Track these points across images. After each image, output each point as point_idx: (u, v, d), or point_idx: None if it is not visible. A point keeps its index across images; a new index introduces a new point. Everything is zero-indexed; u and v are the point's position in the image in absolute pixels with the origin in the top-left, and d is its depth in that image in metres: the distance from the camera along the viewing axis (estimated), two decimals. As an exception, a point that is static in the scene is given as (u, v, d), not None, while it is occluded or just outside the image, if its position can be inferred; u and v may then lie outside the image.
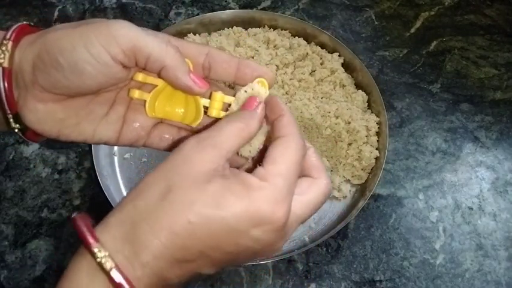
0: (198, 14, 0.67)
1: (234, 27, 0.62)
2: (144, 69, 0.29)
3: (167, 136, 0.32)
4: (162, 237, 0.23)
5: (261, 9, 0.69)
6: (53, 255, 0.50)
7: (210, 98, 0.30)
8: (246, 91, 0.30)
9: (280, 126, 0.27)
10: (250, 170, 0.26)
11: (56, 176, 0.55)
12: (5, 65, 0.26)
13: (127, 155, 0.55)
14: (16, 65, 0.27)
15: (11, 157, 0.56)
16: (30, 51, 0.26)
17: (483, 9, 0.70)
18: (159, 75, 0.28)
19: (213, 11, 0.64)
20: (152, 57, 0.27)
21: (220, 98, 0.30)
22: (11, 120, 0.28)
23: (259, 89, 0.29)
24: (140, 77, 0.29)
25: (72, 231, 0.51)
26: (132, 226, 0.23)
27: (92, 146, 0.53)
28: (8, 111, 0.27)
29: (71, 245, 0.51)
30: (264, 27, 0.62)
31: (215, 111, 0.30)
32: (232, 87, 0.46)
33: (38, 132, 0.29)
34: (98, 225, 0.24)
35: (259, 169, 0.25)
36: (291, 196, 0.25)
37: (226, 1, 0.70)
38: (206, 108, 0.30)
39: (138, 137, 0.31)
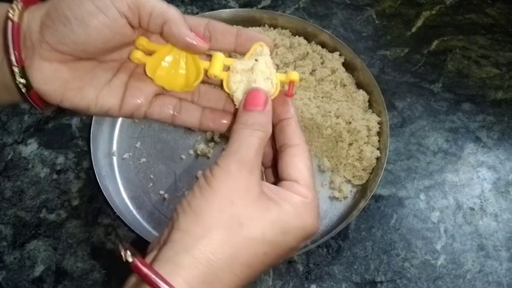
0: (197, 13, 0.67)
1: (234, 26, 0.61)
2: (147, 30, 0.30)
3: (168, 105, 0.32)
4: (239, 272, 0.25)
5: (261, 8, 0.69)
6: (52, 256, 0.50)
7: (210, 60, 0.31)
8: (256, 59, 0.30)
9: (290, 133, 0.30)
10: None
11: (55, 176, 0.54)
12: (15, 19, 0.27)
13: (126, 155, 0.55)
14: (24, 25, 0.28)
15: (9, 157, 0.55)
16: (38, 12, 0.28)
17: (484, 9, 0.70)
18: (162, 35, 0.30)
19: (212, 10, 0.64)
20: (155, 12, 0.28)
21: (221, 58, 0.31)
22: (18, 74, 0.28)
23: (266, 52, 0.30)
24: (144, 41, 0.30)
25: (71, 232, 0.51)
26: (209, 266, 0.24)
27: (91, 145, 0.53)
28: (15, 64, 0.28)
29: (69, 246, 0.50)
30: (264, 26, 0.62)
31: (217, 70, 0.31)
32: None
33: (42, 95, 0.29)
34: (160, 265, 0.24)
35: (296, 186, 0.28)
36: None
37: (226, 0, 0.69)
38: (206, 72, 0.31)
39: (139, 105, 0.31)
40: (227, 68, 0.31)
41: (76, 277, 0.49)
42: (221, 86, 0.31)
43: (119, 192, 0.53)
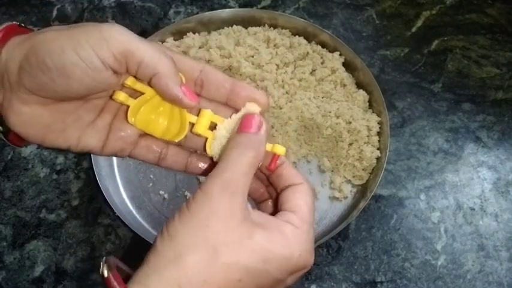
0: (197, 13, 0.67)
1: (234, 26, 0.61)
2: (135, 77, 0.28)
3: (155, 148, 0.31)
4: None
5: (261, 8, 0.68)
6: (52, 256, 0.50)
7: (198, 115, 0.29)
8: (239, 119, 0.29)
9: (290, 175, 0.29)
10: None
11: (55, 176, 0.54)
12: None
13: (126, 155, 0.55)
14: (2, 65, 0.26)
15: (9, 157, 0.55)
16: (18, 52, 0.25)
17: (485, 9, 0.69)
18: (150, 84, 0.28)
19: (212, 10, 0.64)
20: (144, 63, 0.26)
21: (209, 115, 0.29)
22: None
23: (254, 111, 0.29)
24: (130, 81, 0.28)
25: (71, 232, 0.51)
26: None
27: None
28: None
29: (69, 246, 0.50)
30: (264, 26, 0.62)
31: (202, 128, 0.29)
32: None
33: (21, 136, 0.28)
34: (131, 286, 0.23)
35: (291, 216, 0.27)
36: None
37: (226, 0, 0.69)
38: (191, 125, 0.30)
39: (123, 147, 0.30)
40: (214, 125, 0.29)
41: (76, 277, 0.49)
42: (205, 143, 0.30)
43: (119, 192, 0.53)
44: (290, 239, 0.26)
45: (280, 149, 0.29)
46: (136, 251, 0.50)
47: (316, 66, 0.58)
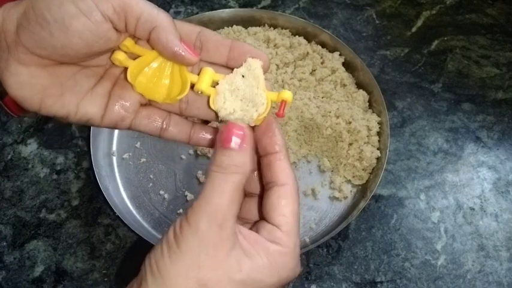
0: (197, 13, 0.67)
1: (234, 26, 0.61)
2: (134, 36, 0.28)
3: (156, 117, 0.30)
4: None
5: (261, 8, 0.68)
6: (52, 256, 0.50)
7: (199, 74, 0.29)
8: (243, 75, 0.28)
9: (278, 171, 0.28)
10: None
11: (55, 176, 0.54)
12: None
13: (126, 155, 0.55)
14: None
15: (9, 157, 0.55)
16: (15, 11, 0.25)
17: (485, 9, 0.70)
18: (149, 41, 0.27)
19: (212, 10, 0.64)
20: (143, 17, 0.26)
21: (210, 73, 0.29)
22: None
23: (256, 66, 0.28)
24: (128, 42, 0.28)
25: (71, 232, 0.51)
26: None
27: (91, 145, 0.52)
28: None
29: (69, 246, 0.50)
30: (264, 26, 0.62)
31: (204, 85, 0.28)
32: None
33: (18, 101, 0.27)
34: None
35: (277, 234, 0.26)
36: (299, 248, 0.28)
37: (226, 0, 0.69)
38: (192, 86, 0.29)
39: (123, 115, 0.29)
40: (216, 84, 0.29)
41: (76, 277, 0.49)
42: (208, 101, 0.29)
43: (119, 192, 0.53)
44: (278, 264, 0.26)
45: (287, 94, 0.28)
46: (137, 251, 0.50)
47: (316, 66, 0.58)
